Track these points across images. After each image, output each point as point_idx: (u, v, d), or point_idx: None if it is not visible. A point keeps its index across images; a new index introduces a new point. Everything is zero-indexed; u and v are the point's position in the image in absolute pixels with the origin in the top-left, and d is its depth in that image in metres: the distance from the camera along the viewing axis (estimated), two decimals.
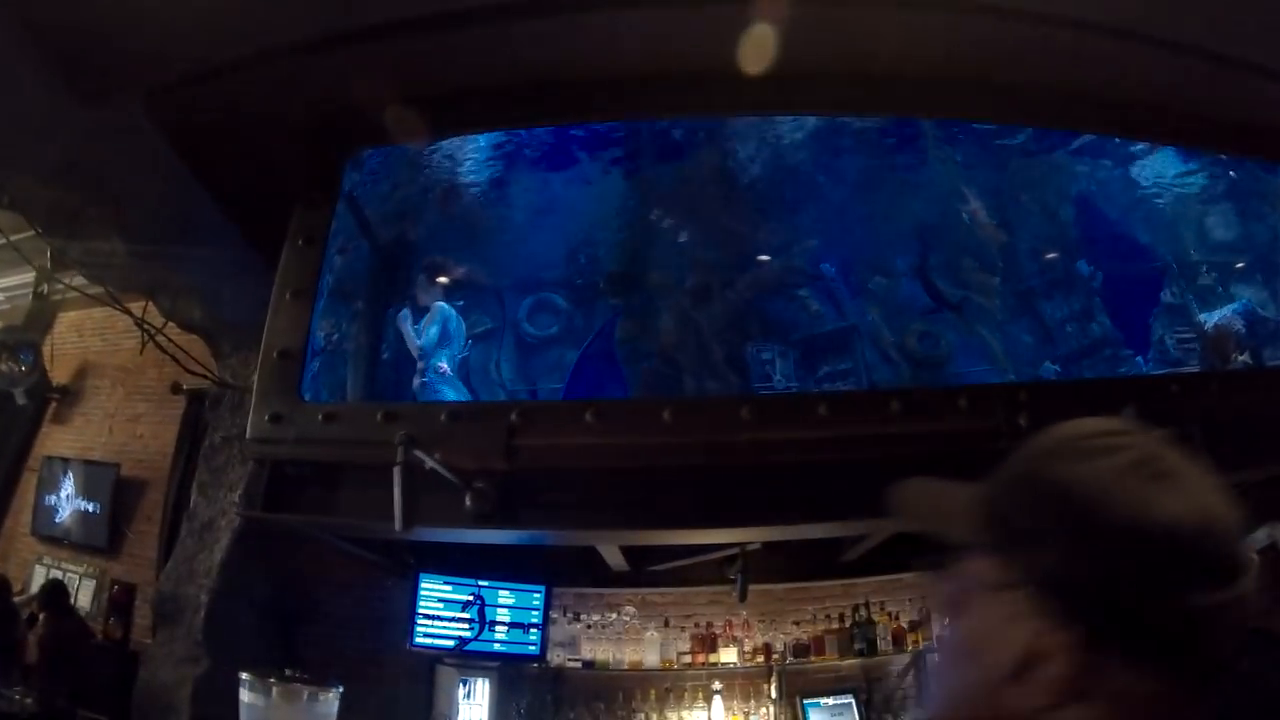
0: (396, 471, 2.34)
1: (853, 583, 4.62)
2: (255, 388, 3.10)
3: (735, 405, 3.00)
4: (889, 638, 4.45)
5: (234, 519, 4.68)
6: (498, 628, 4.15)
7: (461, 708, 4.01)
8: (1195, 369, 3.69)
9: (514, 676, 4.24)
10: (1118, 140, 3.79)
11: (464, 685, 4.01)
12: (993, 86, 3.45)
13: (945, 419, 3.04)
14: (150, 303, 4.52)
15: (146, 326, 4.40)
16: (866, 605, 4.55)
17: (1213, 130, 3.57)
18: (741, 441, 2.94)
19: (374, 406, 3.17)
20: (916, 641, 4.43)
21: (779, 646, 4.51)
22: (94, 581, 5.28)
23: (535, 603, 4.26)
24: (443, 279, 4.07)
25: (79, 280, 4.74)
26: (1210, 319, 3.68)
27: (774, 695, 4.34)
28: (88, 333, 6.07)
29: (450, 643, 4.07)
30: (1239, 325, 3.54)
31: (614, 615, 4.56)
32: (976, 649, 0.63)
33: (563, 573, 4.40)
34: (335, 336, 3.82)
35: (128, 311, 4.32)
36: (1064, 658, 0.56)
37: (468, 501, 3.04)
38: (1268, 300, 3.68)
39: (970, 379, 3.98)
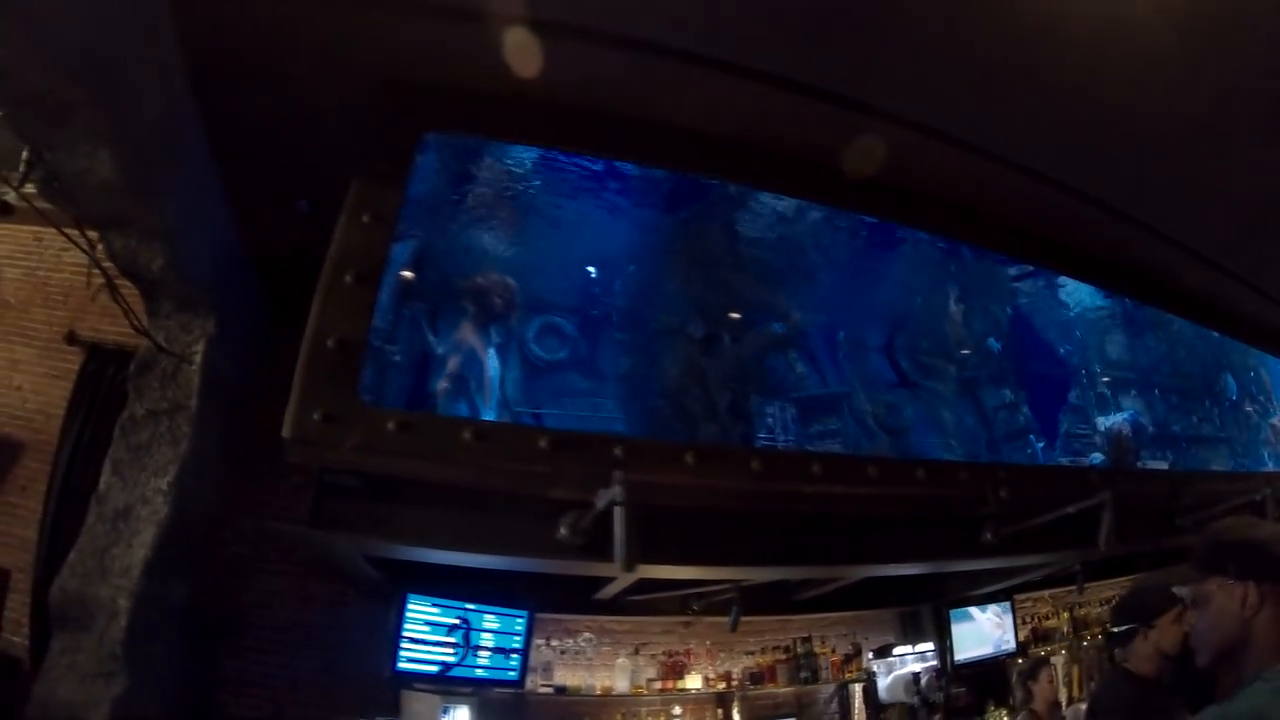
0: (619, 508, 2.35)
1: (788, 619, 5.10)
2: (298, 377, 2.77)
3: (808, 460, 3.34)
4: (830, 668, 4.99)
5: (158, 509, 4.08)
6: (480, 653, 4.03)
7: None
8: (1089, 460, 4.64)
9: (487, 703, 4.13)
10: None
11: (445, 714, 3.83)
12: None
13: (953, 486, 3.66)
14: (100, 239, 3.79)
15: (102, 267, 3.68)
16: (808, 639, 5.05)
17: (1095, 266, 4.52)
18: (809, 492, 3.30)
19: (459, 422, 3.08)
20: (851, 672, 5.02)
21: (737, 674, 4.85)
22: None
23: (518, 628, 4.21)
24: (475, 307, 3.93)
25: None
26: (1105, 422, 4.64)
27: (736, 719, 4.66)
28: None
29: (434, 668, 3.89)
30: (1128, 430, 4.52)
31: (571, 641, 4.62)
32: (1227, 610, 1.47)
33: (546, 598, 4.38)
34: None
35: (81, 246, 3.61)
36: (1255, 594, 1.43)
37: (562, 531, 3.07)
38: (1145, 411, 4.73)
39: (924, 450, 4.64)
